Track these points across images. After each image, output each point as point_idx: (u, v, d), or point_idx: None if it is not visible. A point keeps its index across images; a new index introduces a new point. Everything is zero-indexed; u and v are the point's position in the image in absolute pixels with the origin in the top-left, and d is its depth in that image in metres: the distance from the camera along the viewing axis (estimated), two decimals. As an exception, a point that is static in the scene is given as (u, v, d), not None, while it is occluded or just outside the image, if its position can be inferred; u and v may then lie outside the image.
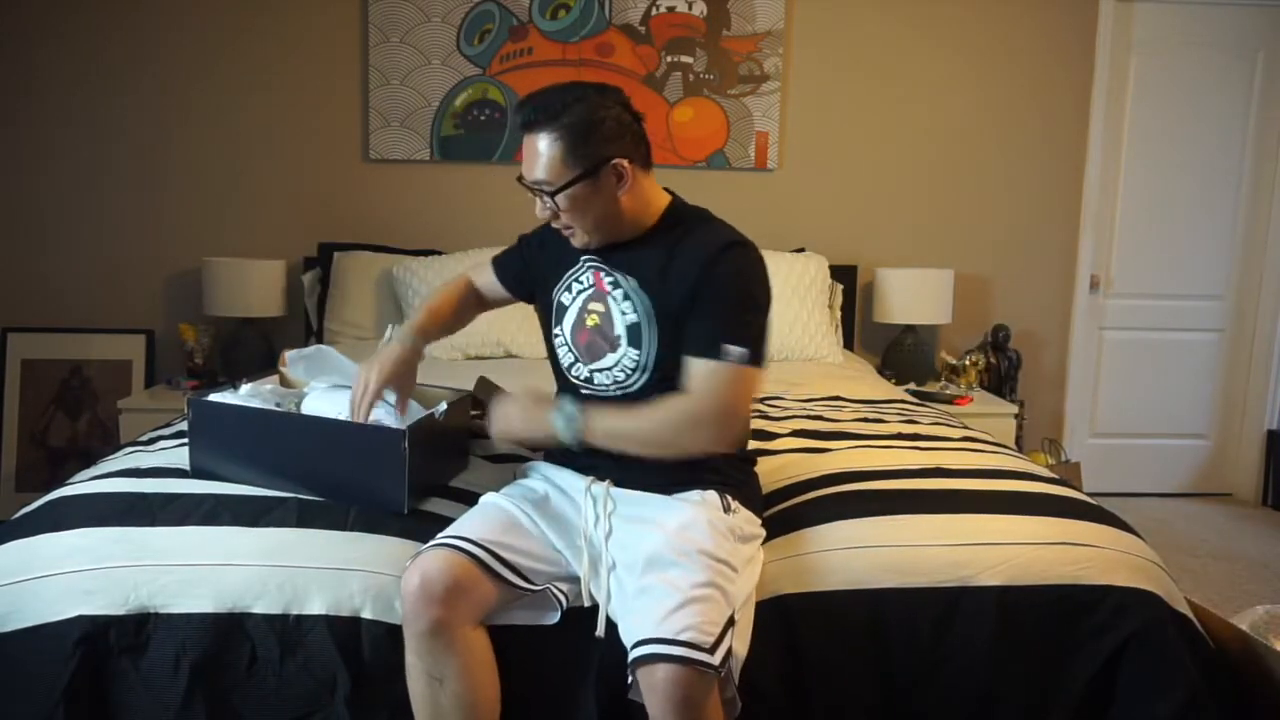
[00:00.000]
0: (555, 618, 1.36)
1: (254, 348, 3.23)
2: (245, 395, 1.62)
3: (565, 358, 1.52)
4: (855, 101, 3.57)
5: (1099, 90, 3.60)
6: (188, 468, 1.57)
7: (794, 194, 3.57)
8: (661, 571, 1.28)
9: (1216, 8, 3.63)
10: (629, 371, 1.45)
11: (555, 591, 1.36)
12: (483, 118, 3.43)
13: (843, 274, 3.51)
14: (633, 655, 1.22)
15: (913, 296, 3.41)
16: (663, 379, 1.42)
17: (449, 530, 1.37)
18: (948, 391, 3.28)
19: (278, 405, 1.60)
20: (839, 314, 3.43)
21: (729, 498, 1.43)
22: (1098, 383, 3.83)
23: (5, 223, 3.35)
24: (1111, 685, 1.40)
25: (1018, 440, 3.29)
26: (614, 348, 1.45)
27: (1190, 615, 1.49)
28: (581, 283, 1.50)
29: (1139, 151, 3.70)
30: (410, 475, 1.44)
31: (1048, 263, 3.71)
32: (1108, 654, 1.40)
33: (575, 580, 1.37)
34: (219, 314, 3.22)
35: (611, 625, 1.33)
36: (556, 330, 1.53)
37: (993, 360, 3.53)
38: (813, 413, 2.21)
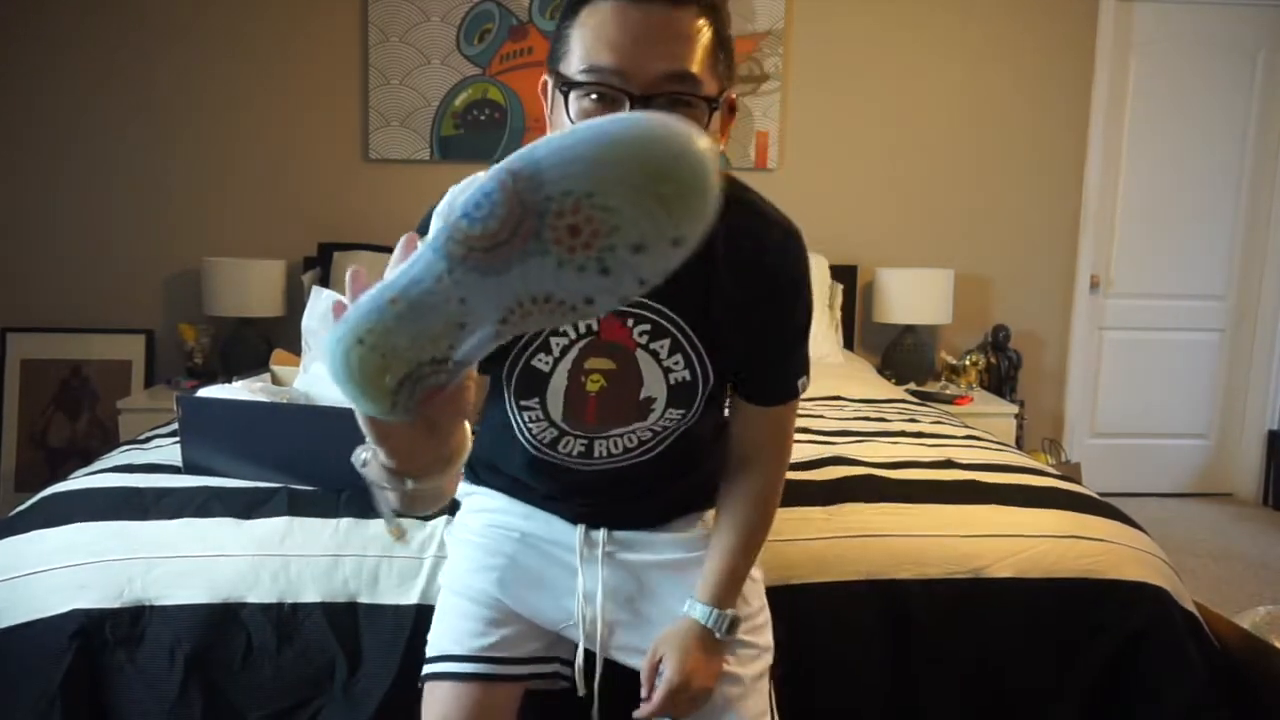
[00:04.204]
0: (565, 683, 1.20)
1: (254, 348, 3.23)
2: (235, 391, 1.62)
3: (541, 434, 1.10)
4: (855, 101, 3.57)
5: (1099, 90, 3.60)
6: (180, 464, 1.57)
7: (794, 194, 3.55)
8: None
9: (1216, 8, 3.63)
10: (656, 431, 1.10)
11: (561, 665, 1.20)
12: (483, 118, 3.43)
13: (843, 274, 3.51)
14: None
15: (913, 296, 3.41)
16: (694, 427, 1.13)
17: (440, 644, 1.16)
18: (948, 391, 3.28)
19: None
20: (839, 314, 3.44)
21: None
22: (1098, 383, 3.82)
23: (5, 223, 3.36)
24: (1120, 678, 1.40)
25: (1018, 440, 3.29)
26: (642, 414, 1.07)
27: (1197, 613, 1.48)
28: (569, 334, 1.04)
29: (1139, 151, 3.70)
30: None
31: (1048, 263, 3.71)
32: (1117, 647, 1.39)
33: (566, 643, 1.19)
34: (219, 314, 3.22)
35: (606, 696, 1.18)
36: (529, 403, 1.08)
37: (993, 360, 3.53)
38: (813, 412, 2.20)
